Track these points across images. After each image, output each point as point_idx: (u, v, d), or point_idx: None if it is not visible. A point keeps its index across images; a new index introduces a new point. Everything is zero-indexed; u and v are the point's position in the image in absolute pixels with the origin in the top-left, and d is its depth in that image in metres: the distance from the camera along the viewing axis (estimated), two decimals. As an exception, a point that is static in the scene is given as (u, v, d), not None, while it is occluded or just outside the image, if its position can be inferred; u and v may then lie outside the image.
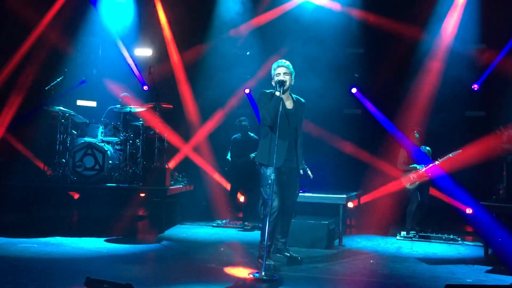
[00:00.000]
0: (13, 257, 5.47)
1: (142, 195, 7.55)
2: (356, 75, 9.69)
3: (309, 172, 5.61)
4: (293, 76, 5.29)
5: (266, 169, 5.20)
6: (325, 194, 7.15)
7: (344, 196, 7.01)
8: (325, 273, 5.28)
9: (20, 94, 8.64)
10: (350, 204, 7.76)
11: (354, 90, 9.49)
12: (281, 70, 5.24)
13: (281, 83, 5.12)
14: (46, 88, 7.79)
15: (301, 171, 5.49)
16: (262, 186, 5.25)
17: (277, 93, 5.14)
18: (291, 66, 5.28)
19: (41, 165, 8.08)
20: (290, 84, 5.26)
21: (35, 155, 8.47)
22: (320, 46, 9.22)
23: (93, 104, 9.03)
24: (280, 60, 5.32)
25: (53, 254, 5.70)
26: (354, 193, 7.75)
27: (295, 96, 5.39)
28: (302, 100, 5.42)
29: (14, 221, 6.97)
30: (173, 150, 9.13)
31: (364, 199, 8.59)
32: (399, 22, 8.89)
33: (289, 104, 5.30)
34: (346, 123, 9.47)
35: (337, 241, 6.86)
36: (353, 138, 9.25)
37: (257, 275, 4.75)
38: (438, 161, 7.41)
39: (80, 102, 8.91)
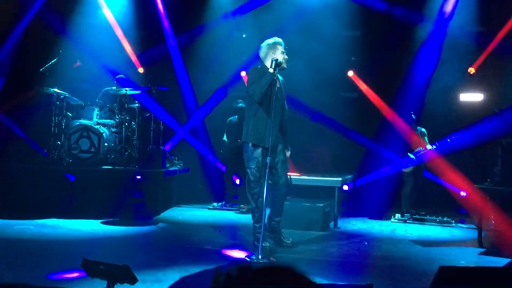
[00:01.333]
0: (10, 238, 5.49)
1: (138, 177, 7.55)
2: (353, 58, 9.64)
3: (288, 153, 5.54)
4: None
5: (255, 149, 5.15)
6: (320, 177, 7.17)
7: (340, 178, 7.04)
8: (320, 255, 5.33)
9: (17, 78, 8.56)
10: (346, 187, 7.79)
11: (350, 73, 9.46)
12: (281, 49, 5.26)
13: (279, 63, 5.07)
14: (41, 69, 7.73)
15: (288, 153, 5.46)
16: (249, 168, 5.19)
17: (271, 70, 5.06)
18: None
19: (36, 147, 8.06)
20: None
21: (30, 137, 8.43)
22: (317, 29, 9.15)
23: None
24: (279, 39, 5.27)
25: (50, 236, 5.73)
26: (350, 176, 7.78)
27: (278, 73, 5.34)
28: (282, 78, 5.43)
29: (11, 203, 6.97)
30: (169, 133, 9.11)
31: (360, 181, 8.61)
32: (397, 4, 8.82)
33: (277, 83, 5.25)
34: (342, 106, 9.45)
35: (332, 223, 6.91)
36: (349, 121, 9.25)
37: (253, 257, 4.78)
38: (436, 145, 7.41)
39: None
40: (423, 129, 7.75)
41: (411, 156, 7.53)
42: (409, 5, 8.81)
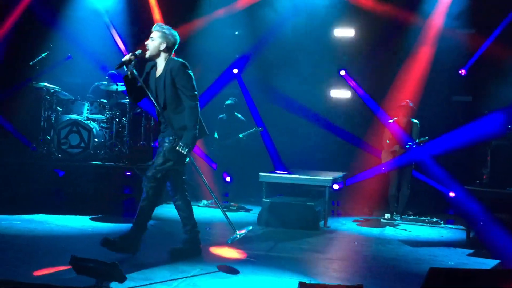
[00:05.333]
0: (-4, 234, 5.42)
1: (128, 173, 7.49)
2: (345, 57, 9.65)
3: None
4: (166, 40, 4.80)
5: None
6: (311, 176, 7.17)
7: (330, 178, 7.04)
8: (310, 254, 5.32)
9: (6, 70, 8.44)
10: (336, 186, 7.80)
11: (342, 73, 9.47)
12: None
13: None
14: (31, 63, 7.62)
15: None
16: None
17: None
18: (164, 30, 4.86)
19: (25, 141, 7.96)
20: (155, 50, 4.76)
21: (19, 132, 8.32)
22: (310, 28, 9.16)
23: None
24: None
25: (37, 231, 5.66)
26: (340, 175, 7.79)
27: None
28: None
29: (-2, 198, 6.89)
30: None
31: (350, 181, 8.63)
32: (390, 4, 8.84)
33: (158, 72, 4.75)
34: (334, 105, 9.47)
35: (322, 222, 6.91)
36: (340, 120, 9.27)
37: (235, 237, 4.81)
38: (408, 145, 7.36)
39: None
40: (416, 121, 7.66)
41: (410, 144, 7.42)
42: (402, 5, 8.83)
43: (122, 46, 9.55)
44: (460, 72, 8.81)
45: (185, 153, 4.57)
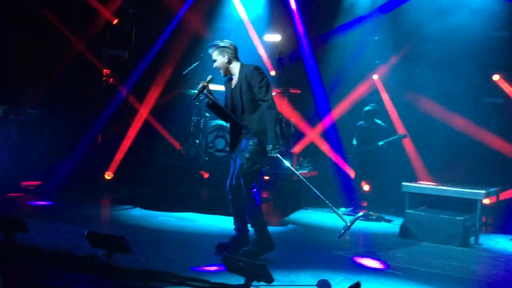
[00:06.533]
0: (155, 228, 5.95)
1: (266, 178, 7.71)
2: (498, 60, 8.84)
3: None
4: (224, 52, 4.93)
5: None
6: (461, 188, 6.67)
7: (483, 191, 6.48)
8: (461, 272, 4.95)
9: (163, 80, 9.26)
10: (487, 201, 7.17)
11: (496, 77, 8.70)
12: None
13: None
14: (184, 72, 8.26)
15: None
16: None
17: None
18: (217, 44, 4.94)
19: (177, 145, 8.64)
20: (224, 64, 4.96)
21: (172, 136, 9.06)
22: (458, 29, 8.57)
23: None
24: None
25: (189, 228, 6.10)
26: (493, 188, 7.13)
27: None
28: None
29: (154, 196, 7.55)
30: (300, 135, 9.17)
31: (504, 195, 7.86)
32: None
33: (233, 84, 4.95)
34: (485, 112, 8.73)
35: (472, 239, 6.39)
36: (493, 129, 8.50)
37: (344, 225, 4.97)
38: None
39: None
40: None
41: None
42: None
43: (263, 54, 9.89)
44: None
45: (275, 155, 4.65)
